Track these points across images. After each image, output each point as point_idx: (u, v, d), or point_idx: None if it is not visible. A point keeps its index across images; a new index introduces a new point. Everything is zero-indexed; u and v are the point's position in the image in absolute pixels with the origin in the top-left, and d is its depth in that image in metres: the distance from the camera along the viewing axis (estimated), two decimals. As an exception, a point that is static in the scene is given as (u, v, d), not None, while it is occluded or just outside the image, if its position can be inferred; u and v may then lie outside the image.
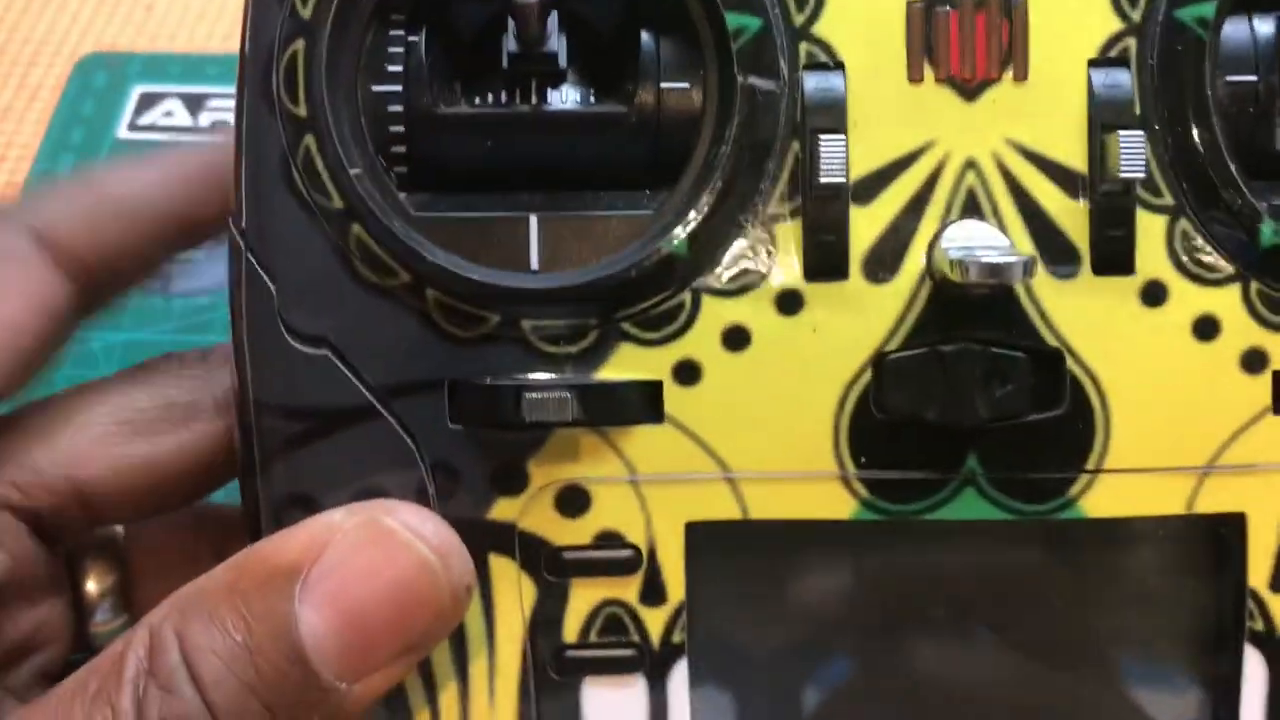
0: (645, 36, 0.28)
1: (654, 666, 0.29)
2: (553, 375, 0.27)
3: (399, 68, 0.28)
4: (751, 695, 0.29)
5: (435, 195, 0.28)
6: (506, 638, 0.29)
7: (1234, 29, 0.28)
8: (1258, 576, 0.29)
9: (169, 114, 0.54)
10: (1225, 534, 0.28)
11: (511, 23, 0.27)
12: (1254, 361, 0.28)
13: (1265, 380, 0.28)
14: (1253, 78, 0.28)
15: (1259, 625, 0.29)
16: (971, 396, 0.27)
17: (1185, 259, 0.28)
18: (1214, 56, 0.27)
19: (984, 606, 0.29)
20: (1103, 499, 0.28)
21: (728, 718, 0.29)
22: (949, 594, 0.29)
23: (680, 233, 0.27)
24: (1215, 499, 0.28)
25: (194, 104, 0.54)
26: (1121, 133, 0.27)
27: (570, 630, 0.29)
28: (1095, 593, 0.29)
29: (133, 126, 0.54)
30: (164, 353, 0.32)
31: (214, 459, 0.30)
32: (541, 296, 0.27)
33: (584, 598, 0.28)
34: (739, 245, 0.28)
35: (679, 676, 0.29)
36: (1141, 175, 0.27)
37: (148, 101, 0.54)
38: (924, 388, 0.27)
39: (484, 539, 0.28)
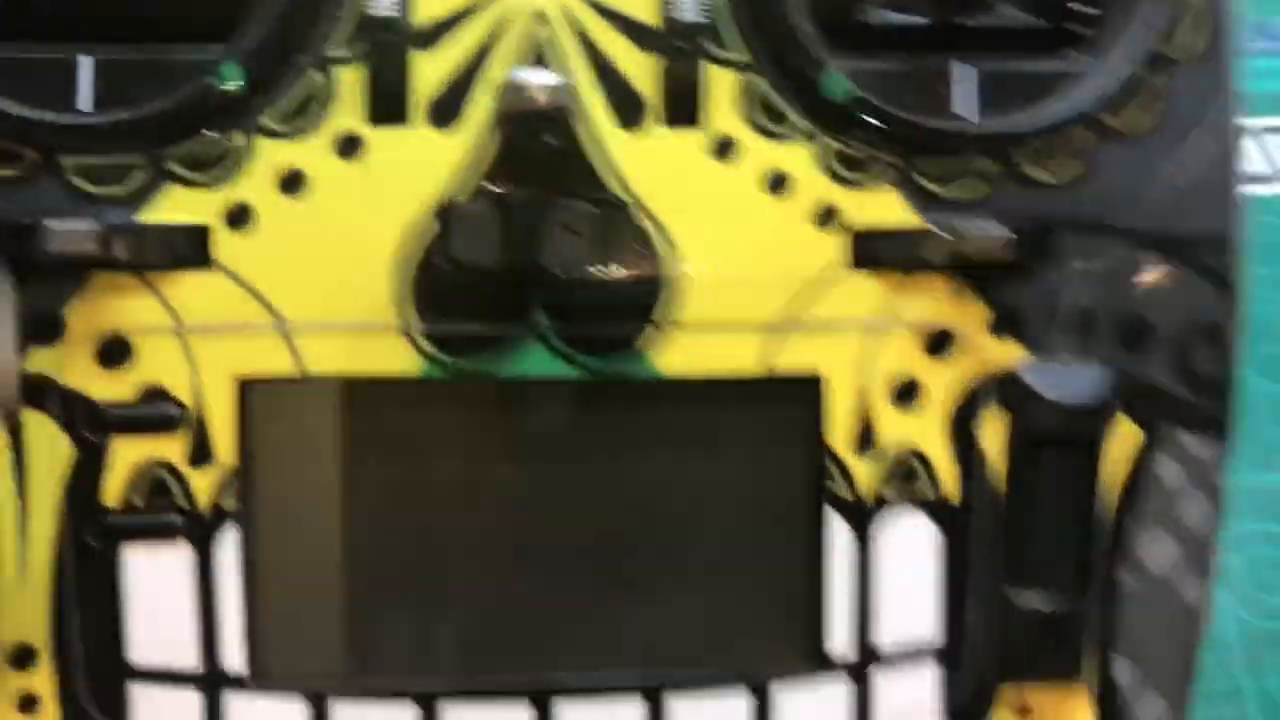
0: None
1: (200, 533, 0.27)
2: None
3: None
4: (309, 564, 0.27)
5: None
6: (40, 502, 0.27)
7: None
8: (840, 438, 0.28)
9: None
10: (802, 394, 0.28)
11: None
12: (826, 217, 0.28)
13: (839, 236, 0.28)
14: None
15: (842, 489, 0.28)
16: (537, 246, 0.27)
17: (756, 115, 0.27)
18: None
19: (553, 475, 0.28)
20: (675, 355, 0.27)
21: (281, 590, 0.27)
22: (528, 454, 0.28)
23: (233, 67, 0.26)
24: (792, 356, 0.28)
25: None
26: None
27: (111, 494, 0.27)
28: (679, 457, 0.28)
29: None
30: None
31: None
32: (82, 132, 0.26)
33: (126, 458, 0.27)
34: (298, 86, 0.27)
35: (228, 545, 0.27)
36: (706, 20, 0.26)
37: None
38: (489, 236, 0.27)
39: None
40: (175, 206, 0.26)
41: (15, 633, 0.27)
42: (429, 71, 0.27)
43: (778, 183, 0.28)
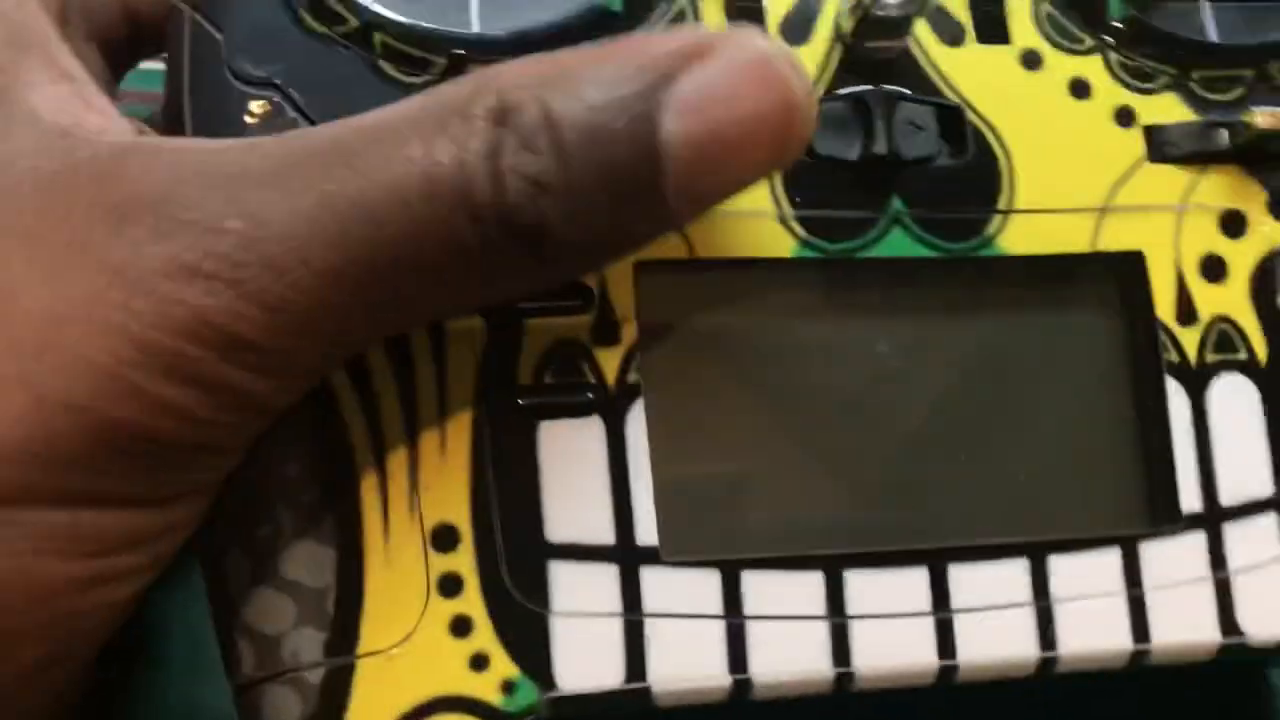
0: None
1: (610, 406, 0.28)
2: None
3: None
4: (709, 435, 0.28)
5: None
6: (458, 383, 0.27)
7: None
8: (1164, 310, 0.31)
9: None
10: (1129, 270, 0.30)
11: None
12: (1125, 117, 0.31)
13: (1137, 133, 0.31)
14: None
15: (1174, 356, 0.30)
16: (890, 138, 0.30)
17: (1052, 32, 0.32)
18: None
19: (921, 345, 0.30)
20: (1017, 237, 0.30)
21: (685, 458, 0.28)
22: (889, 330, 0.30)
23: (616, -9, 0.29)
24: (1114, 238, 0.31)
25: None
26: None
27: (525, 372, 0.28)
28: (1029, 327, 0.30)
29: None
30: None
31: None
32: (486, 43, 0.29)
33: (537, 339, 0.28)
34: (668, 7, 0.30)
35: (636, 416, 0.28)
36: None
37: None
38: (848, 130, 0.29)
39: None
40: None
41: (438, 513, 0.27)
42: None
43: (1080, 88, 0.31)
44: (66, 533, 0.23)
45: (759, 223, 0.29)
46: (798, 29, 0.30)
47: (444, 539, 0.27)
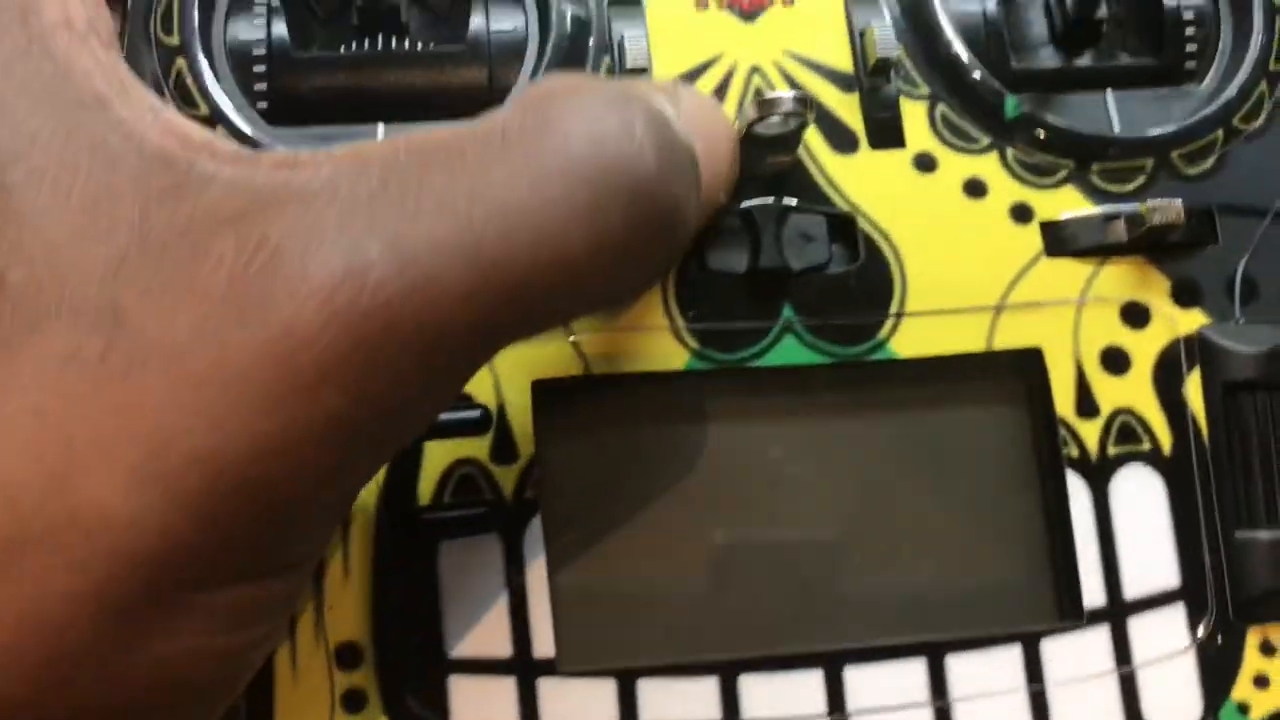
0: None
1: (507, 523, 0.29)
2: None
3: (261, 20, 0.32)
4: (605, 547, 0.30)
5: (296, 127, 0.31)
6: (360, 506, 0.29)
7: None
8: (1064, 405, 0.31)
9: None
10: (1027, 367, 0.31)
11: None
12: (1021, 214, 0.32)
13: (1034, 229, 0.32)
14: (976, 7, 0.34)
15: (1074, 451, 0.31)
16: (780, 250, 0.31)
17: (947, 134, 0.32)
18: None
19: (817, 449, 0.31)
20: (910, 340, 0.31)
21: (582, 570, 0.29)
22: (784, 436, 0.31)
23: (510, 123, 0.31)
24: (1011, 335, 0.31)
25: None
26: (875, 24, 0.32)
27: (425, 493, 0.29)
28: (923, 428, 0.31)
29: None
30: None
31: None
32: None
33: (436, 461, 0.29)
34: (563, 136, 0.31)
35: (533, 531, 0.29)
36: (894, 54, 0.32)
37: None
38: (738, 244, 0.31)
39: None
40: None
41: (342, 632, 0.28)
42: (671, 120, 0.32)
43: (975, 188, 0.32)
44: (235, 607, 0.22)
45: (653, 337, 0.30)
46: (691, 146, 0.31)
47: (348, 657, 0.28)
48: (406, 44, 0.32)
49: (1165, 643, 0.30)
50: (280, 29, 0.32)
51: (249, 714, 0.27)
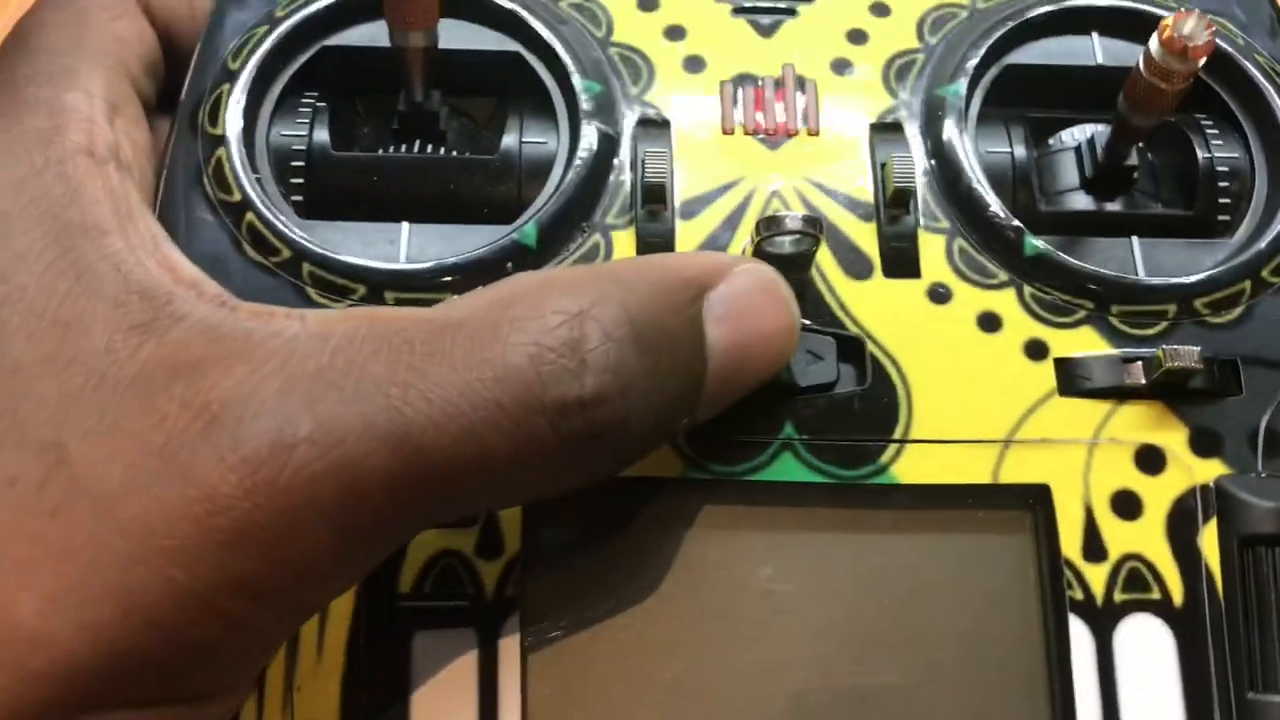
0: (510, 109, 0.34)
1: (485, 619, 0.29)
2: None
3: (305, 120, 0.34)
4: (583, 655, 0.29)
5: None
6: (341, 589, 0.29)
7: (989, 114, 0.35)
8: (1070, 546, 0.30)
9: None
10: (1033, 503, 0.30)
11: (403, 94, 0.34)
12: (1036, 350, 0.32)
13: (1048, 366, 0.31)
14: (1005, 149, 0.34)
15: (1078, 594, 0.30)
16: (788, 367, 0.31)
17: (964, 268, 0.32)
18: (970, 123, 0.34)
19: (810, 572, 0.30)
20: (913, 466, 0.30)
21: (557, 677, 0.29)
22: (776, 556, 0.30)
23: (530, 228, 0.32)
24: (1019, 470, 0.31)
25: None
26: (895, 155, 0.32)
27: (406, 580, 0.29)
28: (916, 565, 0.30)
29: None
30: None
31: None
32: (406, 273, 0.31)
33: (421, 549, 0.29)
34: (581, 245, 0.32)
35: (511, 630, 0.29)
36: (912, 184, 0.32)
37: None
38: None
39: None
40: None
41: (309, 715, 0.28)
42: (688, 236, 0.32)
43: (989, 321, 0.32)
44: None
45: (649, 445, 0.30)
46: (705, 262, 0.32)
47: None
48: (442, 151, 0.34)
49: (1167, 807, 0.28)
50: (322, 132, 0.33)
51: None
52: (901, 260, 0.32)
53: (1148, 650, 0.29)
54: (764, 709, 0.29)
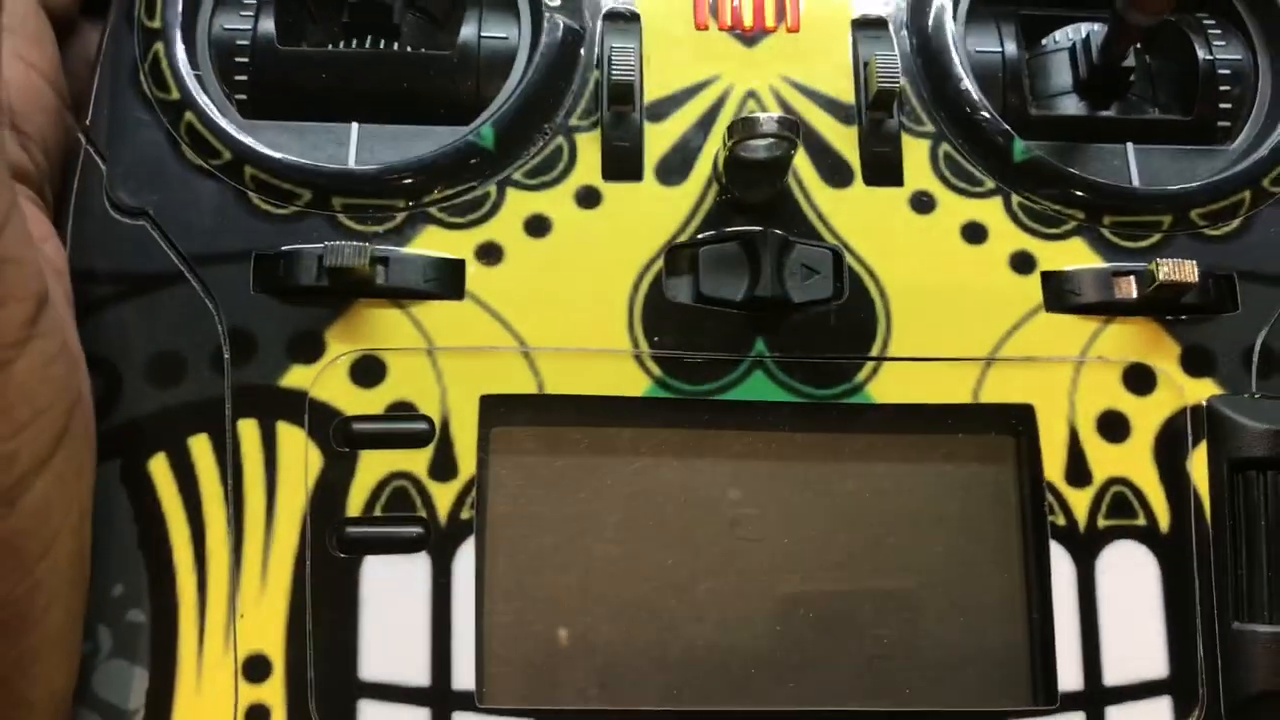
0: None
1: (439, 544, 0.27)
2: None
3: (250, 13, 0.31)
4: (541, 579, 0.28)
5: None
6: (287, 512, 0.27)
7: (979, 11, 0.33)
8: (1053, 469, 0.29)
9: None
10: (1015, 424, 0.29)
11: None
12: (1022, 263, 0.30)
13: (1035, 280, 0.30)
14: (996, 48, 0.32)
15: (1060, 520, 0.28)
16: (781, 280, 0.29)
17: (949, 175, 0.30)
18: (959, 20, 0.32)
19: (778, 495, 0.29)
20: (890, 385, 0.29)
21: (513, 601, 0.27)
22: (743, 478, 0.29)
23: (488, 130, 0.30)
24: (1001, 389, 0.29)
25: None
26: (878, 54, 0.30)
27: (354, 504, 0.28)
28: (890, 487, 0.29)
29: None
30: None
31: None
32: (355, 177, 0.29)
33: (371, 470, 0.28)
34: (542, 148, 0.30)
35: (465, 555, 0.27)
36: (897, 86, 0.30)
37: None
38: (735, 271, 0.29)
39: (273, 406, 0.28)
40: (433, 245, 0.29)
41: (252, 642, 0.27)
42: (656, 139, 0.30)
43: (974, 232, 0.30)
44: None
45: (613, 360, 0.29)
46: (675, 169, 0.30)
47: (256, 669, 0.27)
48: (395, 46, 0.31)
49: (1146, 736, 0.27)
50: (268, 25, 0.31)
51: None
52: (883, 166, 0.30)
53: (1130, 578, 0.28)
54: (730, 636, 0.28)
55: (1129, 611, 0.28)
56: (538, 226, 0.29)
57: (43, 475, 0.24)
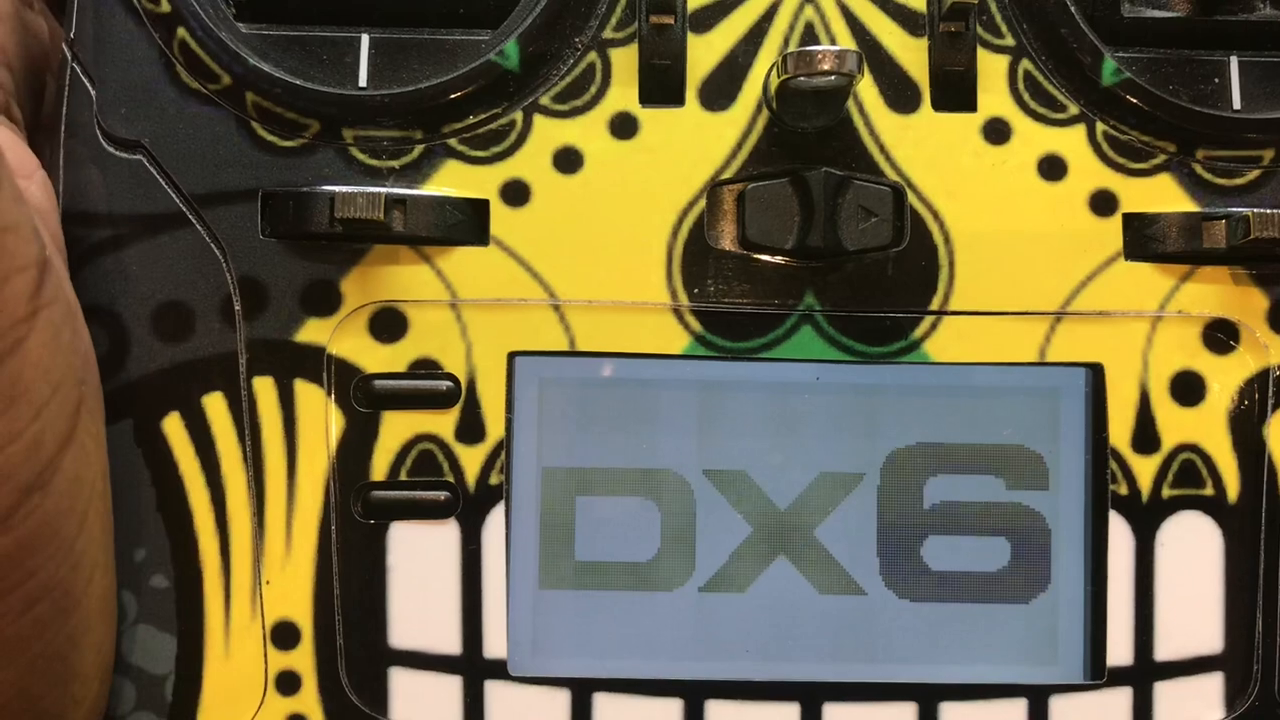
0: None
1: (468, 510, 0.26)
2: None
3: None
4: (573, 546, 0.27)
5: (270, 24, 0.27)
6: (308, 475, 0.26)
7: None
8: (1119, 434, 0.27)
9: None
10: (1082, 386, 0.27)
11: None
12: (1103, 203, 0.27)
13: (1116, 223, 0.27)
14: None
15: (1123, 489, 0.27)
16: (835, 226, 0.26)
17: (1028, 98, 0.27)
18: None
19: (823, 458, 0.27)
20: (949, 343, 0.27)
21: (546, 568, 0.27)
22: (787, 441, 0.27)
23: (511, 47, 0.26)
24: (1069, 348, 0.27)
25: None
26: None
27: (379, 468, 0.26)
28: (943, 452, 0.27)
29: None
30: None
31: None
32: (366, 105, 0.26)
33: (395, 433, 0.26)
34: (573, 67, 0.27)
35: (495, 521, 0.26)
36: (973, 4, 0.26)
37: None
38: (784, 217, 0.26)
39: (290, 364, 0.26)
40: (454, 182, 0.27)
41: (280, 609, 0.26)
42: (701, 54, 0.27)
43: (1053, 167, 0.27)
44: None
45: (650, 315, 0.27)
46: (720, 91, 0.27)
47: (284, 636, 0.26)
48: None
49: (1196, 715, 0.27)
50: None
51: (175, 693, 0.26)
52: (955, 88, 0.27)
53: (1192, 551, 0.27)
54: (764, 599, 0.27)
55: (1187, 585, 0.27)
56: (568, 161, 0.27)
57: (68, 451, 0.23)
